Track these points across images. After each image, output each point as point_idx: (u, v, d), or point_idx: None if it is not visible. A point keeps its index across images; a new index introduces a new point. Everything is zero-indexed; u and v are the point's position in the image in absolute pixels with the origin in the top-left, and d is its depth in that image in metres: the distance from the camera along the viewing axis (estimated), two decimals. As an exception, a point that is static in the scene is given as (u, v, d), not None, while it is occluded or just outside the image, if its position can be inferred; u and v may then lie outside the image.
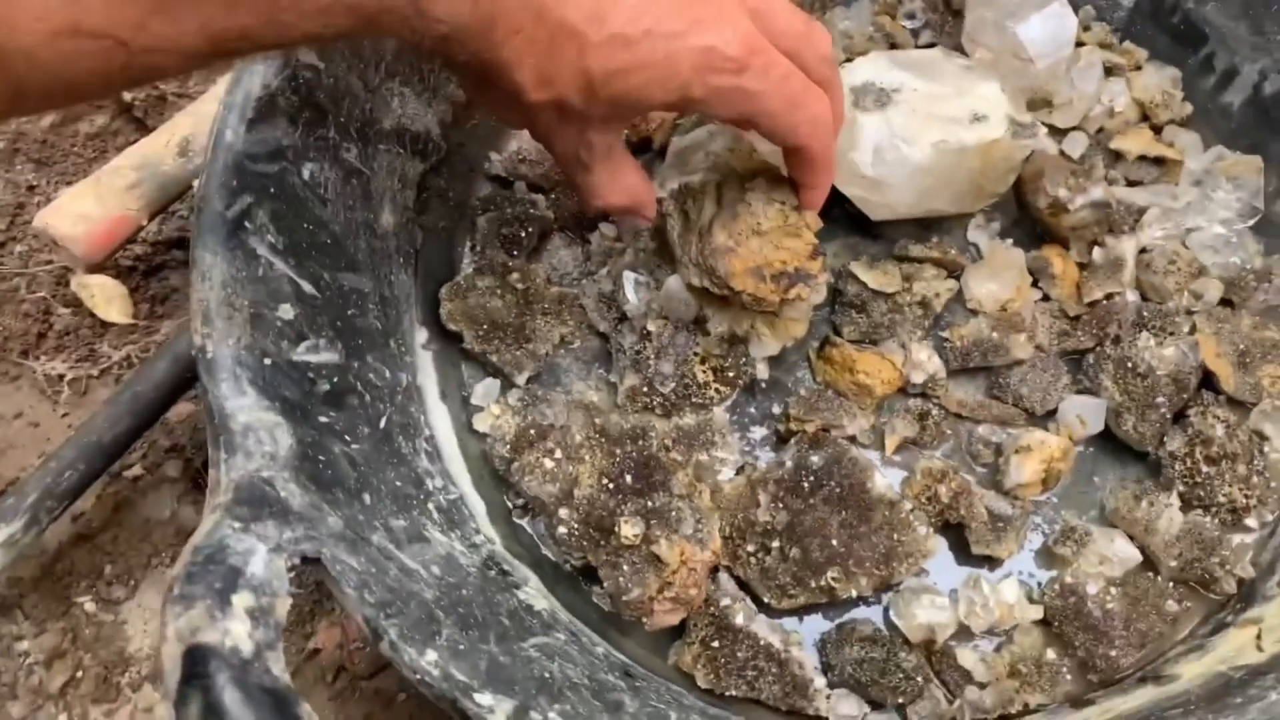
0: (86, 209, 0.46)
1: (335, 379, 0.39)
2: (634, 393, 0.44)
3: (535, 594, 0.41)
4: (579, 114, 0.35)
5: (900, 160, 0.45)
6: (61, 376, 0.50)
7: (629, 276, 0.46)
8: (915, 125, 0.45)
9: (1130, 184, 0.50)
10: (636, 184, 0.40)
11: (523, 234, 0.49)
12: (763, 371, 0.45)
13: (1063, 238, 0.48)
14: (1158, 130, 0.51)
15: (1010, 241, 0.49)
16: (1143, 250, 0.48)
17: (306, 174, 0.41)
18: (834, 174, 0.41)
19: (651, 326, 0.44)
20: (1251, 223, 0.49)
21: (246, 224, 0.37)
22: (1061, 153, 0.50)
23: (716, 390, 0.44)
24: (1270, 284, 0.47)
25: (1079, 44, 0.52)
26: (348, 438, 0.38)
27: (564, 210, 0.51)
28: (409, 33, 0.31)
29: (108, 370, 0.51)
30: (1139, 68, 0.52)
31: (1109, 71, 0.52)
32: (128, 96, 0.59)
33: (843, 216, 0.49)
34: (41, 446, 0.49)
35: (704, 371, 0.44)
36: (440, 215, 0.49)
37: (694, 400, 0.44)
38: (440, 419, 0.46)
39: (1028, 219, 0.49)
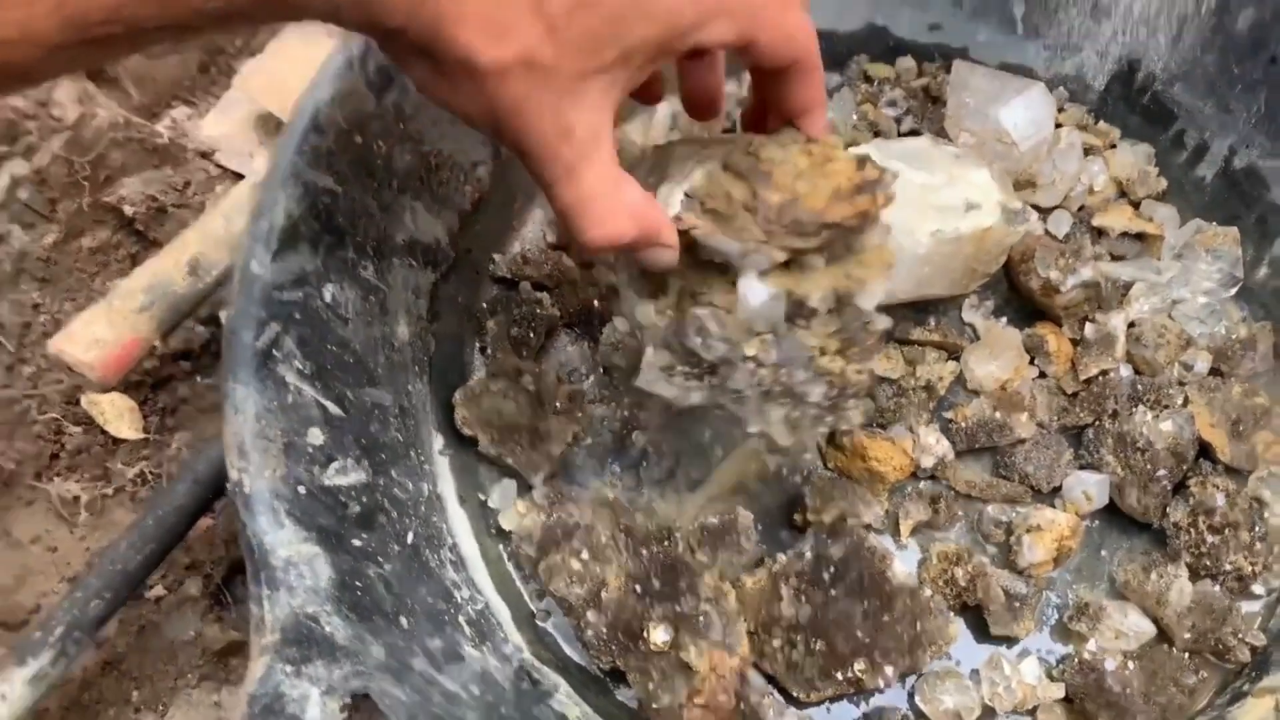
0: (100, 333, 0.47)
1: (364, 499, 0.40)
2: (792, 423, 0.40)
3: (567, 702, 0.42)
4: (548, 74, 0.29)
5: (900, 250, 0.47)
6: (77, 498, 0.50)
7: (704, 316, 0.37)
8: (913, 217, 0.48)
9: (1115, 258, 0.53)
10: (641, 200, 0.33)
11: (530, 334, 0.51)
12: (883, 322, 0.39)
13: (1056, 315, 0.50)
14: (1136, 205, 0.54)
15: (1004, 320, 0.51)
16: (1132, 324, 0.50)
17: (328, 296, 0.42)
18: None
19: (751, 350, 0.37)
20: (1233, 291, 0.52)
21: (275, 353, 0.39)
22: (1047, 232, 0.53)
23: (856, 373, 0.38)
24: (1256, 351, 0.50)
25: (1057, 125, 0.54)
26: (380, 558, 0.39)
27: (568, 307, 0.52)
28: (324, 3, 0.27)
29: (122, 489, 0.51)
30: (1114, 146, 0.55)
31: (1087, 151, 0.54)
32: (128, 210, 0.61)
33: (842, 303, 0.51)
34: (61, 571, 0.49)
35: (832, 359, 0.38)
36: (451, 321, 0.51)
37: (850, 396, 0.39)
38: (460, 525, 0.47)
39: (1018, 296, 0.52)
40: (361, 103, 0.44)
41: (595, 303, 0.52)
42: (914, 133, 0.56)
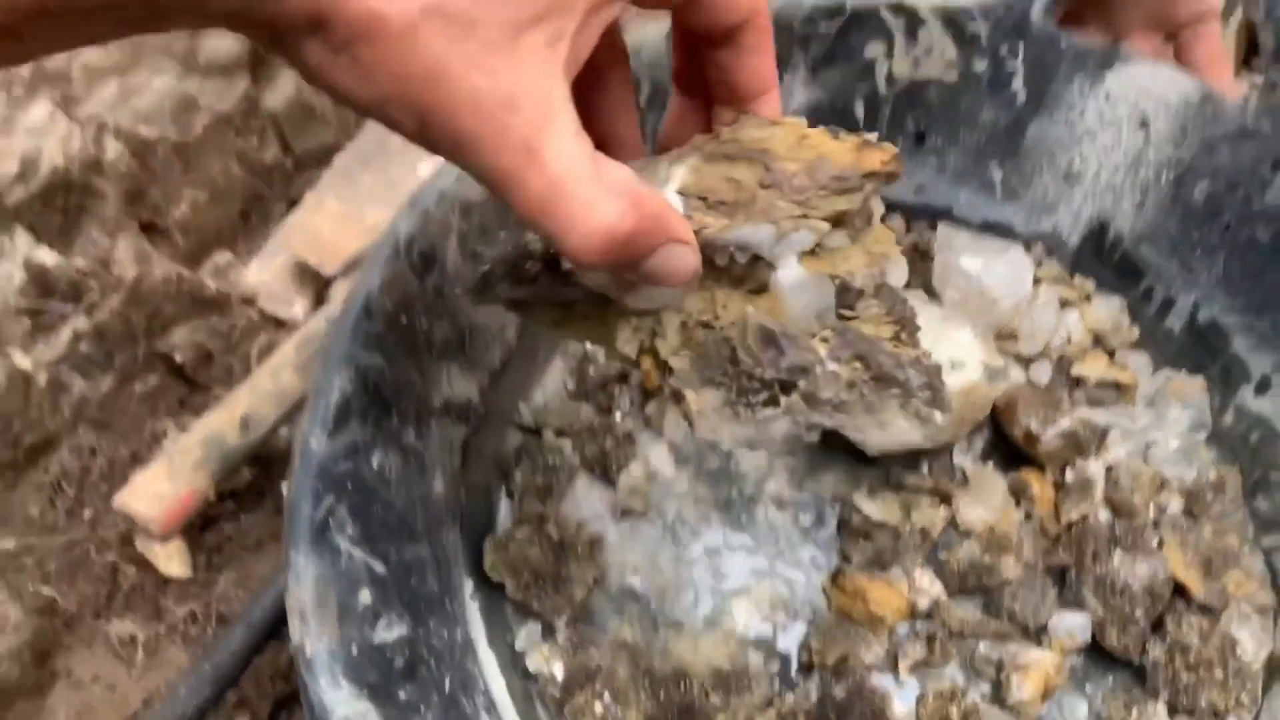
0: (160, 488, 0.52)
1: (407, 651, 0.45)
2: (918, 415, 0.38)
3: (594, 838, 0.46)
4: (469, 26, 0.23)
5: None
6: (134, 637, 0.54)
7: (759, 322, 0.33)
8: (900, 376, 0.53)
9: (1093, 405, 0.57)
10: (631, 179, 0.27)
11: (553, 483, 0.55)
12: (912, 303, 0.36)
13: (1039, 461, 0.55)
14: (1112, 354, 0.59)
15: (990, 464, 0.56)
16: (1110, 468, 0.55)
17: (375, 463, 0.47)
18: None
19: (822, 349, 0.33)
20: (1203, 436, 0.56)
21: (330, 522, 0.43)
22: (1030, 381, 0.58)
23: (925, 355, 0.35)
24: (1225, 494, 0.54)
25: (1036, 281, 0.60)
26: (422, 708, 0.44)
27: (587, 452, 0.57)
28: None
29: (174, 628, 0.56)
30: (1089, 298, 0.61)
31: (1064, 304, 0.60)
32: (178, 358, 0.66)
33: (841, 448, 0.56)
34: (120, 710, 0.53)
35: (900, 346, 0.34)
36: (480, 471, 0.56)
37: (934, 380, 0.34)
38: (491, 668, 0.51)
39: (1005, 441, 0.57)
40: (407, 286, 0.50)
41: (611, 445, 0.57)
42: (905, 287, 0.61)
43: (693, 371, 0.34)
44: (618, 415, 0.59)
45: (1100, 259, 0.61)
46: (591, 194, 0.25)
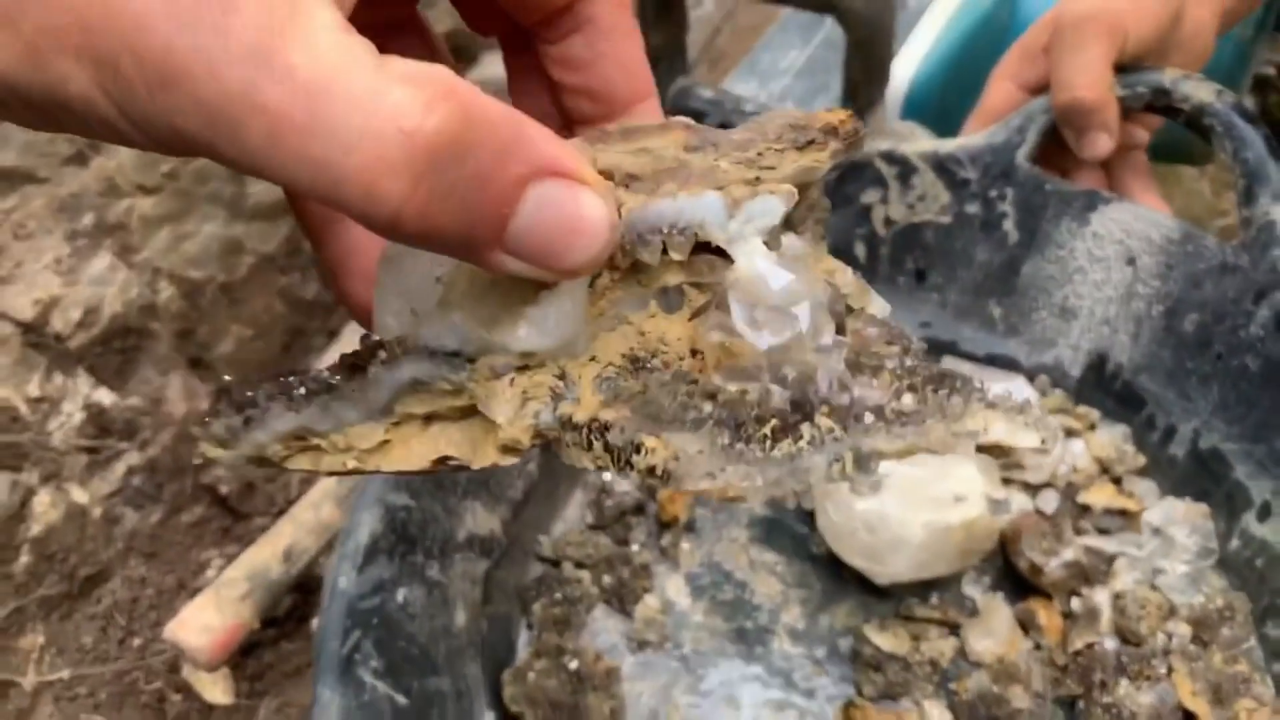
0: (208, 620, 0.57)
1: (427, 782, 0.48)
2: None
3: None
4: None
5: (897, 540, 0.55)
6: (179, 769, 0.58)
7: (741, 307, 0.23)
8: (907, 508, 0.56)
9: (1100, 532, 0.60)
10: (444, 73, 0.17)
11: (571, 614, 0.59)
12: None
13: (1046, 591, 0.57)
14: (1118, 481, 0.62)
15: (1000, 594, 0.58)
16: (1118, 596, 0.57)
17: (400, 598, 0.51)
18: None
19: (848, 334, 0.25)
20: (1211, 562, 0.58)
21: (356, 656, 0.47)
22: (1037, 510, 0.60)
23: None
24: (1235, 620, 0.55)
25: (1038, 411, 0.63)
26: (440, 839, 0.46)
27: (606, 585, 0.60)
28: None
29: (218, 758, 0.59)
30: (1094, 427, 0.63)
31: (1069, 433, 0.63)
32: (223, 490, 0.71)
33: (853, 579, 0.58)
34: (158, 840, 0.56)
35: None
36: (502, 602, 0.59)
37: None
38: (511, 798, 0.54)
39: (1015, 570, 0.59)
40: (432, 428, 0.54)
41: (628, 576, 0.61)
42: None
43: (642, 419, 0.23)
44: (634, 546, 0.62)
45: (1102, 389, 0.64)
46: (370, 83, 0.17)
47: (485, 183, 0.17)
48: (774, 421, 0.23)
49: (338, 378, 0.24)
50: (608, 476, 0.65)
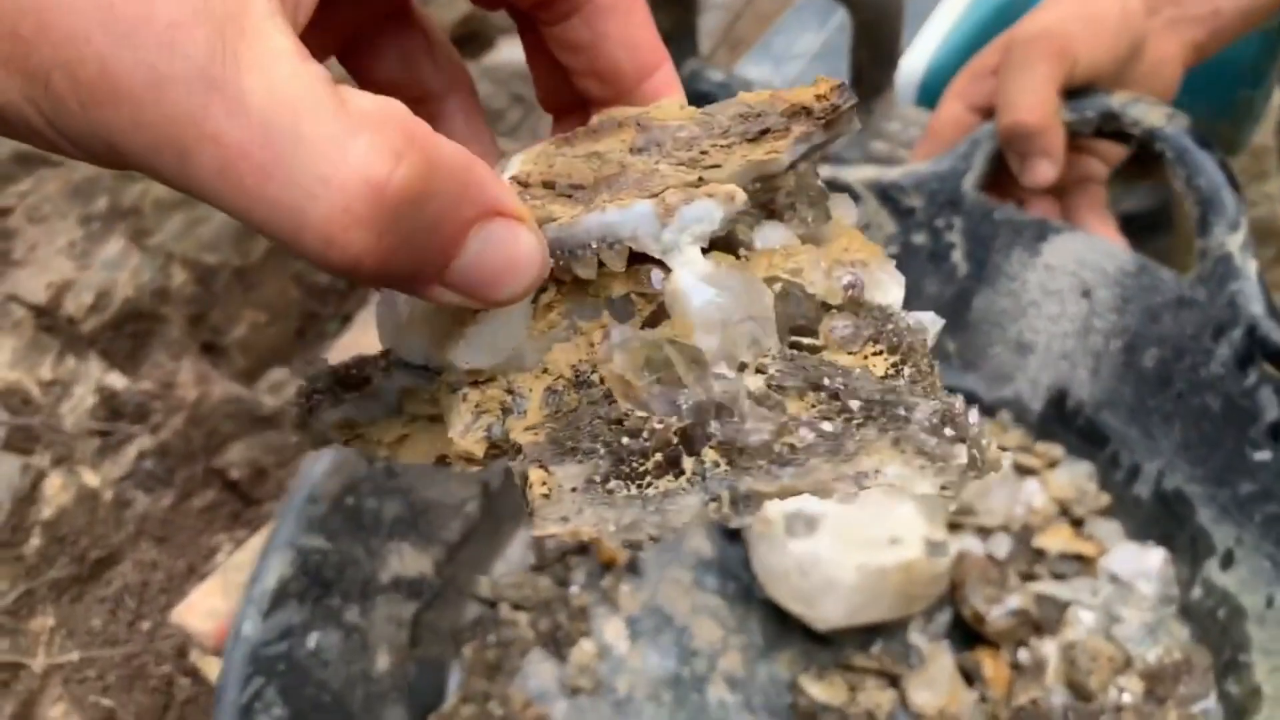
0: (215, 605, 0.57)
1: (328, 834, 0.47)
2: (918, 451, 0.23)
3: None
4: None
5: (830, 582, 0.54)
6: (189, 752, 0.59)
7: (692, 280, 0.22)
8: (839, 550, 0.54)
9: (1056, 577, 0.57)
10: (402, 111, 0.18)
11: (504, 659, 0.58)
12: (933, 325, 0.26)
13: (993, 640, 0.55)
14: (1079, 523, 0.59)
15: (946, 643, 0.56)
16: (1069, 646, 0.54)
17: (312, 644, 0.51)
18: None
19: (756, 379, 0.23)
20: (1172, 610, 0.55)
21: (256, 705, 0.47)
22: (988, 554, 0.58)
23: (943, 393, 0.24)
24: (1193, 675, 0.53)
25: (999, 449, 0.61)
26: None
27: (542, 628, 0.60)
28: None
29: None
30: (1055, 464, 0.61)
31: (1026, 472, 0.61)
32: (234, 474, 0.72)
33: (796, 625, 0.57)
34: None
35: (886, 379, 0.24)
36: (433, 645, 0.59)
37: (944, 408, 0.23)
38: None
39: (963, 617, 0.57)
40: (355, 469, 0.54)
41: (565, 619, 0.60)
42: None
43: (547, 446, 0.23)
44: (574, 588, 0.61)
45: (1065, 425, 0.62)
46: (334, 128, 0.16)
47: (439, 226, 0.18)
48: (657, 456, 0.22)
49: (367, 374, 0.26)
50: None
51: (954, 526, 0.59)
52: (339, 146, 0.16)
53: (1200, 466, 0.55)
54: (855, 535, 0.55)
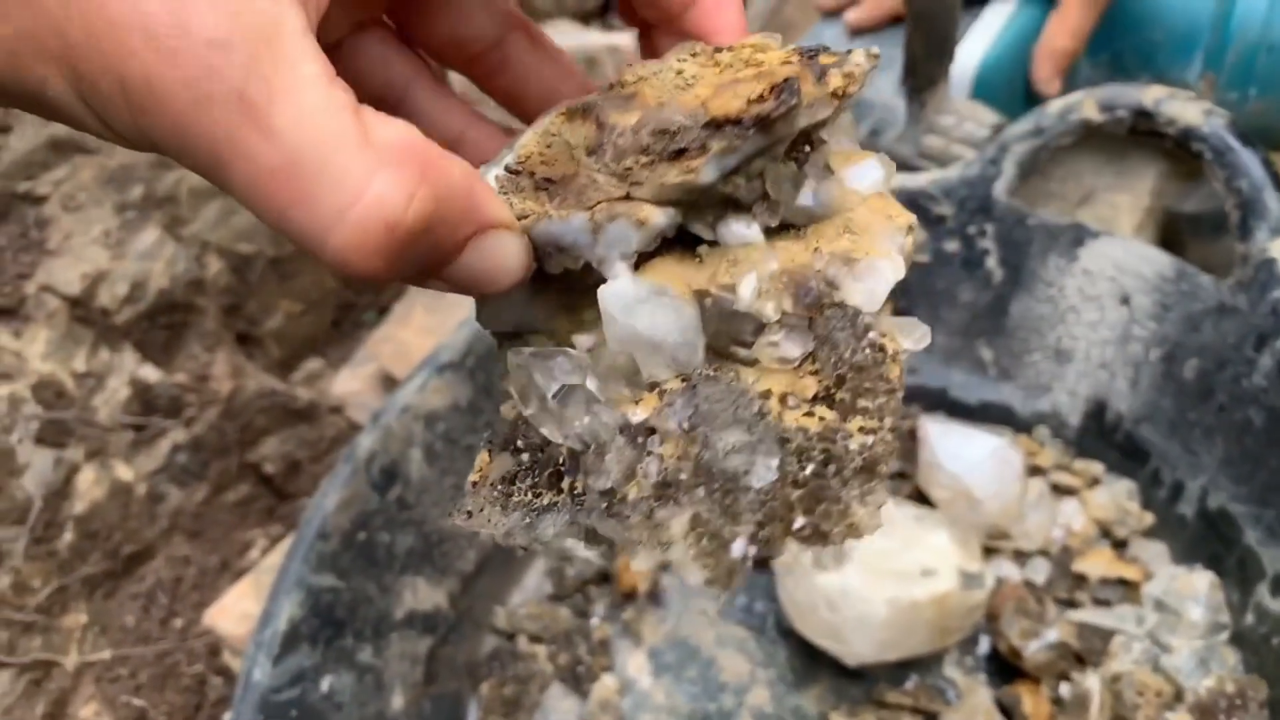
0: (248, 608, 0.58)
1: None
2: (709, 537, 0.23)
3: None
4: None
5: (860, 617, 0.53)
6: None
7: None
8: (869, 582, 0.53)
9: (1098, 603, 0.56)
10: (415, 138, 0.19)
11: (523, 695, 0.57)
12: (910, 339, 0.24)
13: (1033, 674, 0.53)
14: (1123, 544, 0.58)
15: (984, 677, 0.55)
16: (1114, 679, 0.53)
17: (325, 687, 0.50)
18: None
19: (641, 412, 0.23)
20: (1223, 638, 0.54)
21: (267, 754, 0.47)
22: (1026, 581, 0.57)
23: (860, 429, 0.23)
24: (1247, 708, 0.51)
25: (1035, 471, 0.59)
26: None
27: (562, 662, 0.59)
28: None
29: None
30: (1096, 482, 0.60)
31: (1065, 492, 0.59)
32: (268, 469, 0.72)
33: (825, 658, 0.56)
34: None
35: (803, 413, 0.23)
36: (449, 680, 0.58)
37: (846, 473, 0.23)
38: None
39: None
40: (365, 503, 0.54)
41: (586, 653, 0.59)
42: (901, 475, 0.62)
43: (508, 428, 0.25)
44: (595, 619, 0.61)
45: (1104, 439, 0.60)
46: (355, 164, 0.18)
47: (442, 244, 0.20)
48: (549, 471, 0.24)
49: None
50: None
51: (989, 551, 0.58)
52: (358, 183, 0.18)
53: (1244, 484, 0.54)
54: (885, 567, 0.53)
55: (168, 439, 0.76)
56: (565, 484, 0.24)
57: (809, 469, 0.22)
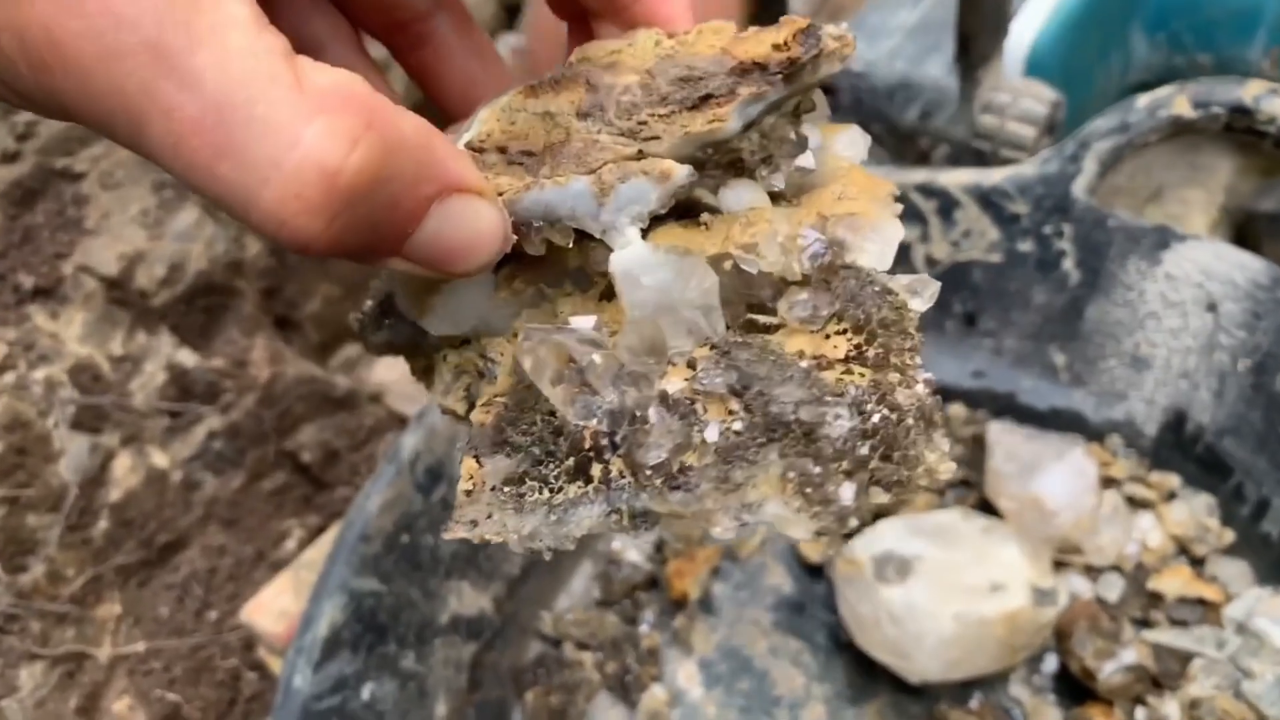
0: (285, 604, 0.57)
1: None
2: (808, 485, 0.22)
3: None
4: None
5: (925, 633, 0.51)
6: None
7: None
8: (936, 597, 0.51)
9: (1174, 624, 0.54)
10: (359, 85, 0.18)
11: (569, 705, 0.56)
12: (918, 300, 0.24)
13: (1106, 697, 0.52)
14: (1200, 563, 0.56)
15: (1053, 697, 0.53)
16: (1193, 704, 0.51)
17: (366, 695, 0.49)
18: None
19: (676, 380, 0.22)
20: (1311, 666, 0.52)
21: (309, 764, 0.46)
22: (1098, 598, 0.55)
23: (903, 385, 0.22)
24: (1338, 742, 0.49)
25: (1109, 482, 0.58)
26: None
27: (609, 671, 0.58)
28: None
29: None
30: (1173, 496, 0.58)
31: (1140, 505, 0.57)
32: (305, 457, 0.72)
33: (884, 673, 0.54)
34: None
35: (845, 371, 0.22)
36: (493, 687, 0.57)
37: (907, 424, 0.22)
38: None
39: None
40: (409, 504, 0.53)
41: (634, 661, 0.58)
42: (965, 483, 0.60)
43: (490, 430, 0.23)
44: (644, 627, 0.59)
45: (1182, 452, 0.58)
46: (289, 108, 0.16)
47: (396, 206, 0.18)
48: (569, 462, 0.22)
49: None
50: (615, 544, 0.62)
51: (1059, 565, 0.56)
52: (292, 130, 0.16)
53: (1342, 506, 0.51)
54: (952, 581, 0.52)
55: (204, 425, 0.75)
56: (595, 471, 0.22)
57: (875, 418, 0.21)
